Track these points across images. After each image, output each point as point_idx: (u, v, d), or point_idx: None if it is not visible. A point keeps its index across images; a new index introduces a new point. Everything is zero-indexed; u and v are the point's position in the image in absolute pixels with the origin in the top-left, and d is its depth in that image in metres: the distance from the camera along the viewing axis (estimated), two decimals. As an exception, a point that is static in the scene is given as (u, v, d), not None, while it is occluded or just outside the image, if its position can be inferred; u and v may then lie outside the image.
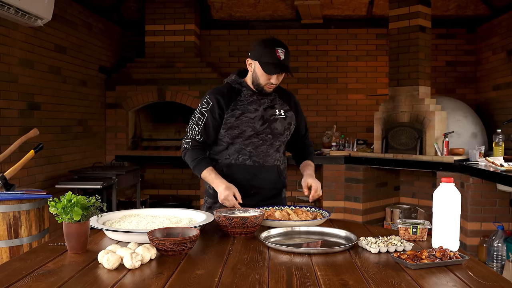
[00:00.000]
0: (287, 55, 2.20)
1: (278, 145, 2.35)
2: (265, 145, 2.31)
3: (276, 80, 2.24)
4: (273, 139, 2.31)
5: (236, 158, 2.30)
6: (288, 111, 2.37)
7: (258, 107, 2.30)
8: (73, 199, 1.62)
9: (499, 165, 4.04)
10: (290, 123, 2.37)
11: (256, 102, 2.30)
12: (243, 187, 2.26)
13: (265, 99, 2.33)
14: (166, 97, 5.95)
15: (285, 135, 2.36)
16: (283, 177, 2.42)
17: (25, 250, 2.81)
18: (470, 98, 6.29)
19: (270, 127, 2.30)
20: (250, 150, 2.29)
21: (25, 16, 3.76)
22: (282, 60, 2.18)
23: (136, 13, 6.40)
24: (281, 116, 2.33)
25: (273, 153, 2.34)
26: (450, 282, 1.36)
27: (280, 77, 2.26)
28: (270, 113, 2.31)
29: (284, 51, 2.19)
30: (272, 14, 6.40)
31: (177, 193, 6.52)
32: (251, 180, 2.30)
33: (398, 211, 5.61)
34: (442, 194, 1.67)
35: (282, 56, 2.17)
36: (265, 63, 2.19)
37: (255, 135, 2.28)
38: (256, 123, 2.27)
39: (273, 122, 2.31)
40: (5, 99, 4.00)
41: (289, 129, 2.37)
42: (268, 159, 2.32)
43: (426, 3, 5.30)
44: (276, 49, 2.17)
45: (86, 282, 1.35)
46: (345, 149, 5.95)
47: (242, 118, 2.26)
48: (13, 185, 3.02)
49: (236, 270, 1.46)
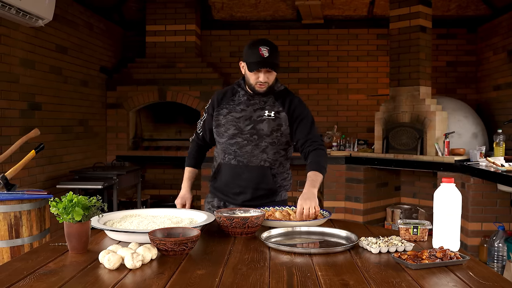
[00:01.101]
0: (272, 53, 2.22)
1: (264, 146, 2.31)
2: (250, 146, 2.30)
3: (265, 78, 2.24)
4: (258, 140, 2.30)
5: (223, 157, 2.38)
6: (280, 112, 2.32)
7: (247, 107, 2.32)
8: (74, 199, 1.62)
9: (500, 165, 4.04)
10: (281, 125, 2.31)
11: (245, 102, 2.33)
12: (228, 185, 2.38)
13: (257, 100, 2.33)
14: (167, 97, 5.96)
15: (274, 136, 2.30)
16: (274, 180, 2.35)
17: (26, 250, 2.82)
18: (471, 98, 6.28)
19: (255, 127, 2.30)
20: (235, 150, 2.32)
21: (26, 16, 3.76)
22: (265, 58, 2.20)
23: (137, 13, 6.40)
24: (270, 117, 2.30)
25: (259, 153, 2.31)
26: (451, 283, 1.36)
27: (269, 75, 2.26)
28: (258, 114, 2.31)
29: (268, 49, 2.21)
30: (273, 14, 6.40)
31: (178, 193, 6.51)
32: (235, 179, 2.34)
33: (399, 211, 5.61)
34: (443, 194, 1.67)
35: (265, 53, 2.20)
36: (250, 63, 2.23)
37: (240, 134, 2.30)
38: (242, 123, 2.30)
39: (259, 123, 2.30)
40: (6, 99, 4.00)
41: (279, 130, 2.31)
42: (253, 160, 2.31)
43: (426, 3, 5.30)
44: (259, 48, 2.21)
45: (87, 282, 1.35)
46: (346, 149, 5.95)
47: (228, 117, 2.33)
48: (14, 185, 3.02)
49: (237, 270, 1.46)
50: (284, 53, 6.54)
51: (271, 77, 2.27)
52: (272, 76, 2.28)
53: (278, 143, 2.33)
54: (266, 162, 2.33)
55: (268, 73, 2.25)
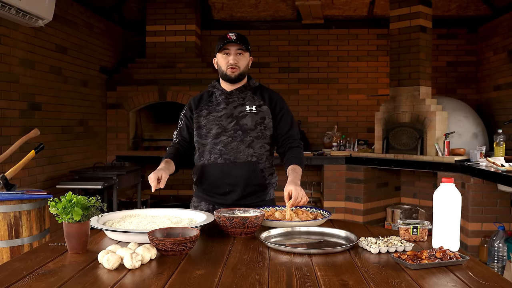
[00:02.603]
0: (240, 36, 2.29)
1: (249, 141, 2.31)
2: (235, 142, 2.30)
3: (235, 60, 2.28)
4: (243, 135, 2.30)
5: (208, 158, 2.34)
6: (261, 105, 2.34)
7: (226, 105, 2.34)
8: (73, 199, 1.62)
9: (500, 165, 4.04)
10: (264, 118, 2.33)
11: (224, 101, 2.36)
12: (218, 186, 2.34)
13: (235, 98, 2.35)
14: (167, 97, 5.96)
15: (258, 130, 2.31)
16: (262, 175, 2.34)
17: (25, 250, 2.81)
18: (471, 98, 6.28)
19: (238, 123, 2.31)
20: (220, 149, 2.31)
21: (26, 16, 3.76)
22: (233, 39, 2.26)
23: (137, 14, 6.40)
24: (252, 112, 2.32)
25: (245, 149, 2.30)
26: (450, 283, 1.36)
27: (239, 59, 2.30)
28: (239, 110, 2.33)
29: (235, 34, 2.29)
30: (273, 15, 6.40)
31: (178, 194, 6.52)
32: (224, 178, 2.31)
33: (399, 212, 5.61)
34: (443, 194, 1.67)
35: (233, 37, 2.27)
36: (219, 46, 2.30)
37: (223, 132, 2.31)
38: (224, 120, 2.32)
39: (241, 118, 2.31)
40: (6, 99, 4.00)
41: (263, 123, 2.33)
42: (240, 156, 2.30)
43: (427, 3, 5.30)
44: (227, 34, 2.29)
45: (86, 282, 1.35)
46: (346, 149, 5.95)
47: (209, 117, 2.35)
48: (14, 185, 3.02)
49: (236, 270, 1.46)
50: (284, 53, 6.55)
51: (242, 61, 2.31)
52: (242, 61, 2.31)
53: (262, 137, 2.34)
54: (253, 157, 2.32)
55: (238, 56, 2.29)
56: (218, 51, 2.31)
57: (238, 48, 2.29)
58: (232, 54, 2.28)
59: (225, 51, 2.29)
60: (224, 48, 2.28)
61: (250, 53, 2.37)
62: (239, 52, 2.29)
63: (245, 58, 2.32)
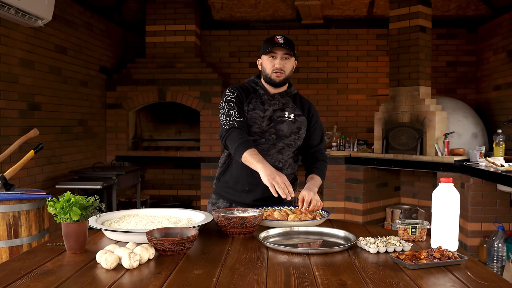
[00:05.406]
0: (287, 41, 2.26)
1: (281, 147, 2.31)
2: (267, 144, 2.30)
3: (281, 64, 2.26)
4: (276, 140, 2.30)
5: None
6: (299, 115, 2.35)
7: (269, 107, 2.32)
8: (72, 199, 1.62)
9: (500, 165, 4.04)
10: (300, 128, 2.34)
11: (267, 102, 2.33)
12: (239, 182, 2.33)
13: (276, 101, 2.34)
14: (166, 97, 5.96)
15: (292, 139, 2.33)
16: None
17: (24, 250, 2.81)
18: (471, 98, 6.28)
19: (275, 127, 2.30)
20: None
21: (25, 16, 3.76)
22: (281, 43, 2.23)
23: (136, 14, 6.40)
24: (290, 119, 2.32)
25: (275, 153, 2.31)
26: (449, 283, 1.36)
27: (285, 63, 2.27)
28: (279, 114, 2.32)
29: (283, 37, 2.26)
30: (272, 15, 6.40)
31: (178, 194, 6.52)
32: (246, 176, 2.30)
33: (399, 212, 5.61)
34: (441, 194, 1.67)
35: (280, 40, 2.24)
36: (266, 49, 2.27)
37: (260, 133, 2.29)
38: (264, 122, 2.30)
39: (279, 123, 2.31)
40: (5, 100, 4.00)
41: (298, 133, 2.34)
42: (268, 159, 2.28)
43: (426, 3, 5.30)
44: (275, 37, 2.26)
45: (84, 282, 1.34)
46: (345, 149, 5.95)
47: (252, 113, 2.30)
48: (13, 185, 3.02)
49: (234, 270, 1.45)
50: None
51: (287, 66, 2.29)
52: (288, 65, 2.29)
53: (293, 146, 2.35)
54: (280, 163, 2.33)
55: (284, 61, 2.27)
56: (264, 53, 2.28)
57: (285, 53, 2.26)
58: (278, 58, 2.26)
59: (271, 54, 2.27)
60: (271, 51, 2.26)
61: (295, 58, 2.35)
62: (286, 56, 2.27)
63: (290, 62, 2.30)
